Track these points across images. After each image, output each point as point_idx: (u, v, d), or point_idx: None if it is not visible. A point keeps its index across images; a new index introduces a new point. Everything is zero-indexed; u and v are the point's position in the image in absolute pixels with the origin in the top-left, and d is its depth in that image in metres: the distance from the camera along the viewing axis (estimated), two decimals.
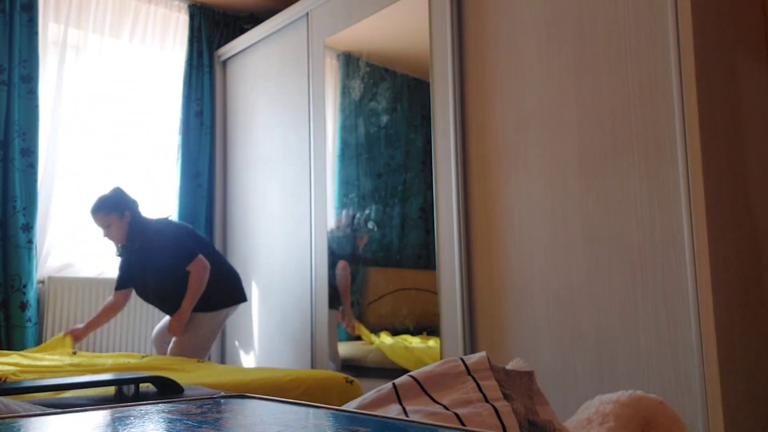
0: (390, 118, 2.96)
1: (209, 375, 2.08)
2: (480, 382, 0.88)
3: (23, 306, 3.11)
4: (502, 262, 2.39)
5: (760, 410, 1.90)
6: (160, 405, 0.73)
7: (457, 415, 0.81)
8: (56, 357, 2.55)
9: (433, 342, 2.64)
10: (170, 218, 3.27)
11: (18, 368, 2.10)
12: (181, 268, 3.02)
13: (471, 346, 2.47)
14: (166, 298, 3.11)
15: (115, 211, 3.03)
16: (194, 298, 3.01)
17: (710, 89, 1.94)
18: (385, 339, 2.91)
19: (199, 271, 3.02)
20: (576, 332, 2.14)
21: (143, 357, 2.61)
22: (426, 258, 2.72)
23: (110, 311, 3.16)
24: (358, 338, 3.06)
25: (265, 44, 3.74)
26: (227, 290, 3.19)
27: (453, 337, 2.52)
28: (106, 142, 3.60)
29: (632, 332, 2.00)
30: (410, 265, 2.86)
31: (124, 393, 1.32)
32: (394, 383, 0.89)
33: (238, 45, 3.91)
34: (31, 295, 3.16)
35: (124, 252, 3.14)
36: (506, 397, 0.87)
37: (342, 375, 2.16)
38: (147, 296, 3.20)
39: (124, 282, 3.16)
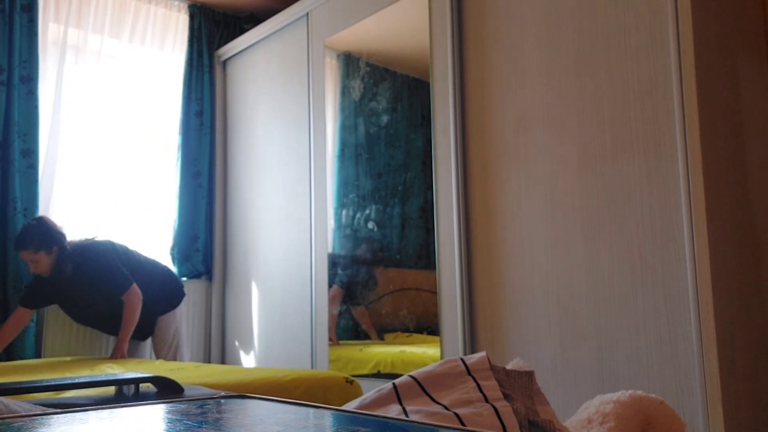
0: (390, 118, 2.96)
1: (209, 375, 2.08)
2: (480, 382, 0.88)
3: None
4: (502, 262, 2.39)
5: (760, 410, 1.90)
6: (160, 405, 0.73)
7: (457, 415, 0.81)
8: None
9: (432, 350, 2.64)
10: (96, 239, 3.17)
11: None
12: (115, 296, 3.06)
13: (471, 346, 2.47)
14: (106, 319, 3.17)
15: (43, 248, 2.94)
16: (130, 329, 3.06)
17: (710, 89, 1.94)
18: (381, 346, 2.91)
19: (134, 302, 3.06)
20: (576, 332, 2.14)
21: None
22: (426, 258, 2.72)
23: (18, 327, 3.05)
24: (357, 337, 3.07)
25: (265, 44, 3.74)
26: (179, 286, 3.39)
27: (453, 337, 2.52)
28: (106, 142, 3.60)
29: (632, 332, 2.00)
30: (410, 265, 2.86)
31: (124, 393, 1.32)
32: (394, 383, 0.89)
33: (238, 45, 3.91)
34: None
35: (44, 278, 3.03)
36: (506, 397, 0.87)
37: (342, 375, 2.16)
38: (85, 320, 3.22)
39: (35, 302, 3.08)
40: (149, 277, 3.24)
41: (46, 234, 2.98)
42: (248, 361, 3.64)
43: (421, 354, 2.72)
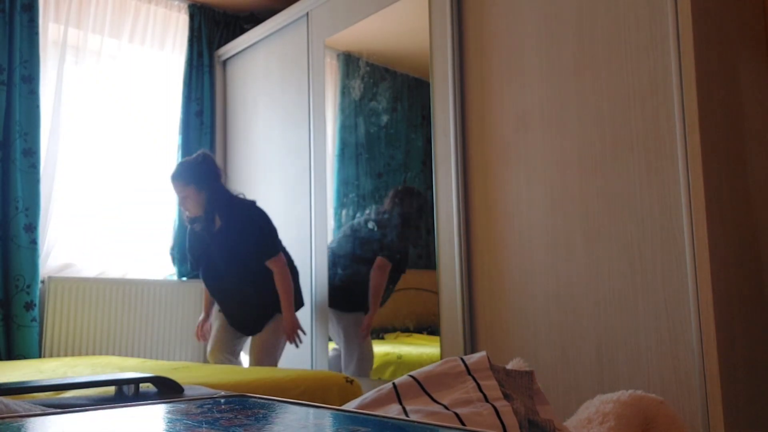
0: (390, 118, 2.96)
1: (209, 375, 2.08)
2: (480, 382, 0.88)
3: (28, 306, 3.11)
4: (502, 262, 2.39)
5: (760, 410, 1.90)
6: (160, 405, 0.73)
7: (457, 414, 0.81)
8: None
9: (431, 346, 2.64)
10: (256, 203, 2.97)
11: None
12: (260, 260, 2.79)
13: (471, 346, 2.47)
14: (246, 301, 2.88)
15: (193, 183, 2.79)
16: (291, 299, 2.79)
17: (710, 89, 1.94)
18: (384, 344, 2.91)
19: (284, 269, 2.80)
20: (576, 332, 2.14)
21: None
22: (426, 258, 2.72)
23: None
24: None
25: (265, 44, 3.74)
26: (299, 291, 3.03)
27: (453, 337, 2.52)
28: (107, 142, 3.60)
29: (632, 332, 2.00)
30: (410, 265, 2.86)
31: (124, 393, 1.32)
32: (394, 383, 0.89)
33: (238, 45, 3.91)
34: (36, 295, 3.16)
35: (199, 232, 2.85)
36: (506, 396, 0.87)
37: (342, 375, 2.16)
38: (227, 302, 2.93)
39: (197, 265, 2.96)
40: (294, 265, 2.98)
41: (200, 169, 2.82)
42: (248, 361, 3.64)
43: (420, 354, 2.72)
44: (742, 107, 2.06)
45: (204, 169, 2.84)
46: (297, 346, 2.85)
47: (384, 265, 2.85)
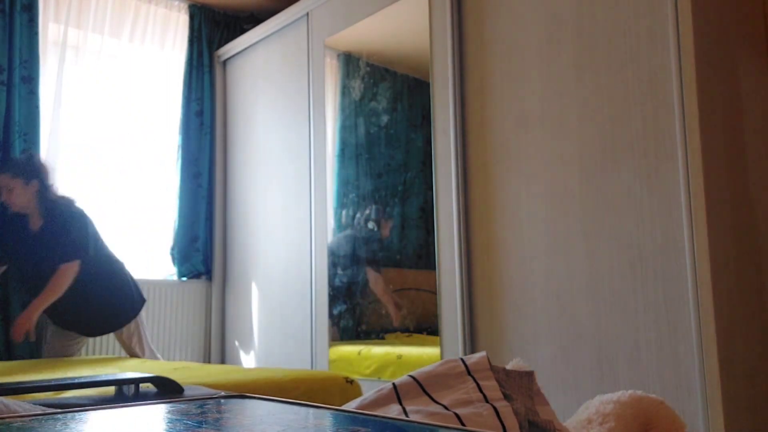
0: (390, 118, 2.96)
1: (209, 375, 2.08)
2: (480, 382, 0.88)
3: None
4: (502, 263, 2.39)
5: (760, 410, 1.90)
6: (160, 405, 0.73)
7: (457, 415, 0.81)
8: None
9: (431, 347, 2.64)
10: (76, 202, 2.93)
11: None
12: (55, 258, 2.75)
13: (471, 346, 2.47)
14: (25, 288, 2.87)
15: (21, 176, 2.78)
16: (47, 302, 2.72)
17: (710, 89, 1.94)
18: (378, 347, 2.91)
19: (68, 275, 2.73)
20: (576, 332, 2.14)
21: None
22: (426, 258, 2.72)
23: None
24: (357, 338, 3.06)
25: (265, 44, 3.74)
26: (131, 303, 2.97)
27: (453, 337, 2.52)
28: (107, 142, 3.60)
29: (632, 332, 2.00)
30: (410, 265, 2.86)
31: (124, 393, 1.32)
32: (394, 383, 0.89)
33: (238, 45, 3.91)
34: None
35: (17, 225, 2.82)
36: (506, 397, 0.87)
37: (342, 375, 2.16)
38: (21, 279, 2.91)
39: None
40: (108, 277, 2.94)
41: (31, 165, 2.84)
42: (248, 361, 3.64)
43: (419, 355, 2.72)
44: (742, 107, 2.06)
45: (32, 164, 2.88)
46: (18, 340, 2.74)
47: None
